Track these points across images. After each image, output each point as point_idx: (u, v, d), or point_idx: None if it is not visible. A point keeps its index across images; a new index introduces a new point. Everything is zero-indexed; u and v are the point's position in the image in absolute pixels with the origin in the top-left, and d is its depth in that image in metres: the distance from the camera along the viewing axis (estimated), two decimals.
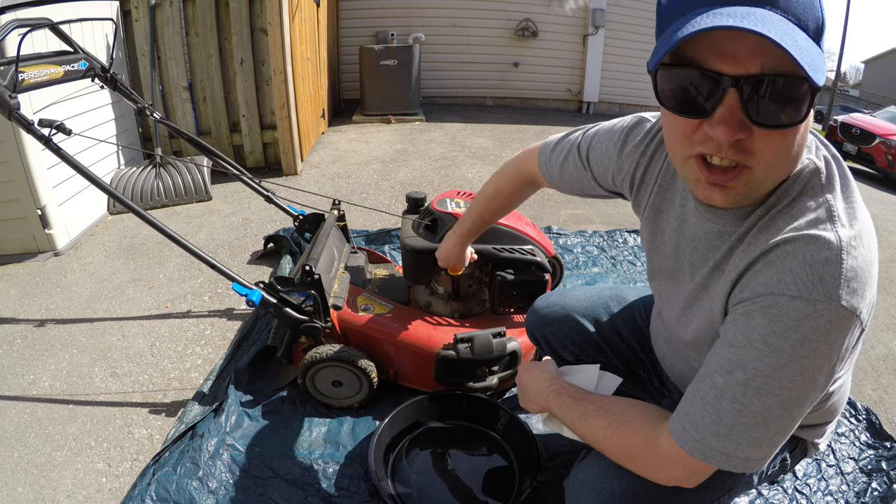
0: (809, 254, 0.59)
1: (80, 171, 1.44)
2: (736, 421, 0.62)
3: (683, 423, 0.66)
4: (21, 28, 1.48)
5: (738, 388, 0.62)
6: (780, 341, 0.59)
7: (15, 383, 1.64)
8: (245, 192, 3.19)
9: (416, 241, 1.54)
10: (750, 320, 0.62)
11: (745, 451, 0.63)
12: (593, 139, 0.95)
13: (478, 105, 6.66)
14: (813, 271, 0.58)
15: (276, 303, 1.43)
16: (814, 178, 0.65)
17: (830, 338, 0.58)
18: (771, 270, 0.61)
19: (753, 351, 0.61)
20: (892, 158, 6.46)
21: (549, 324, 1.19)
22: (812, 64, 0.51)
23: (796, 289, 0.58)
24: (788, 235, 0.61)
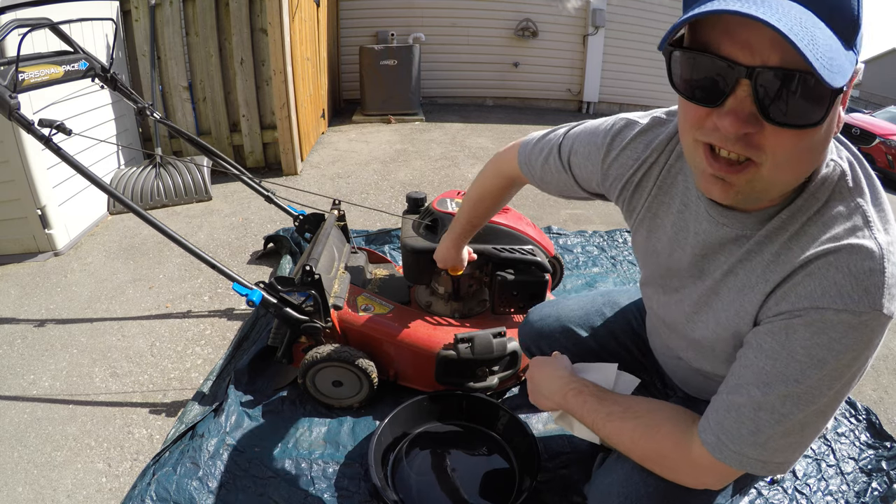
0: (853, 264, 0.58)
1: (80, 171, 1.44)
2: (774, 431, 0.62)
3: (719, 435, 0.66)
4: (21, 28, 1.48)
5: (778, 399, 0.61)
6: (823, 353, 0.58)
7: (15, 383, 1.63)
8: (245, 192, 3.19)
9: (416, 241, 1.54)
10: (791, 332, 0.60)
11: (781, 455, 0.64)
12: (575, 141, 0.91)
13: (478, 105, 6.66)
14: (858, 283, 0.57)
15: (277, 303, 1.43)
16: (841, 182, 0.63)
17: (871, 344, 0.59)
18: (813, 283, 0.60)
19: (795, 364, 0.60)
20: (892, 158, 6.45)
21: (545, 336, 1.17)
22: (828, 62, 0.47)
23: (842, 302, 0.57)
24: (829, 246, 0.59)
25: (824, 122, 0.53)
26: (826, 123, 0.53)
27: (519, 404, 1.57)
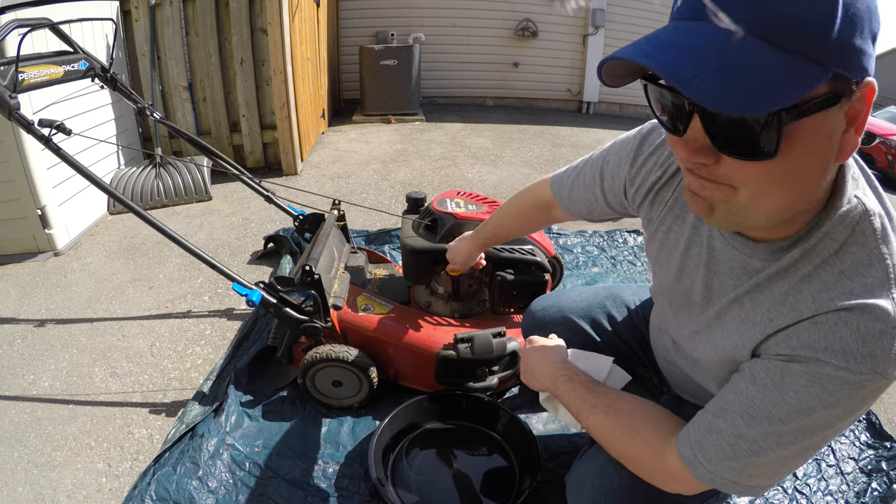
0: (864, 325, 0.55)
1: (80, 171, 1.44)
2: (751, 460, 0.62)
3: (695, 452, 0.66)
4: (21, 28, 1.48)
5: (759, 434, 0.61)
6: (814, 402, 0.57)
7: (15, 383, 1.63)
8: (245, 192, 3.19)
9: (416, 241, 1.54)
10: (787, 375, 0.59)
11: (753, 480, 0.64)
12: (608, 151, 0.92)
13: (478, 105, 6.66)
14: (865, 345, 0.55)
15: (276, 303, 1.43)
16: (863, 223, 0.57)
17: (865, 403, 0.58)
18: (819, 334, 0.58)
19: (784, 405, 0.59)
20: (892, 158, 6.45)
21: (546, 327, 1.17)
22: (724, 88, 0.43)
23: (844, 360, 0.55)
24: (843, 303, 0.56)
25: (779, 153, 0.47)
26: (797, 165, 0.49)
27: (519, 404, 1.57)
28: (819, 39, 0.44)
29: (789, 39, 0.44)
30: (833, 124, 0.49)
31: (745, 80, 0.44)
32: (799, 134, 0.47)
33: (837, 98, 0.47)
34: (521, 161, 4.27)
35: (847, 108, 0.48)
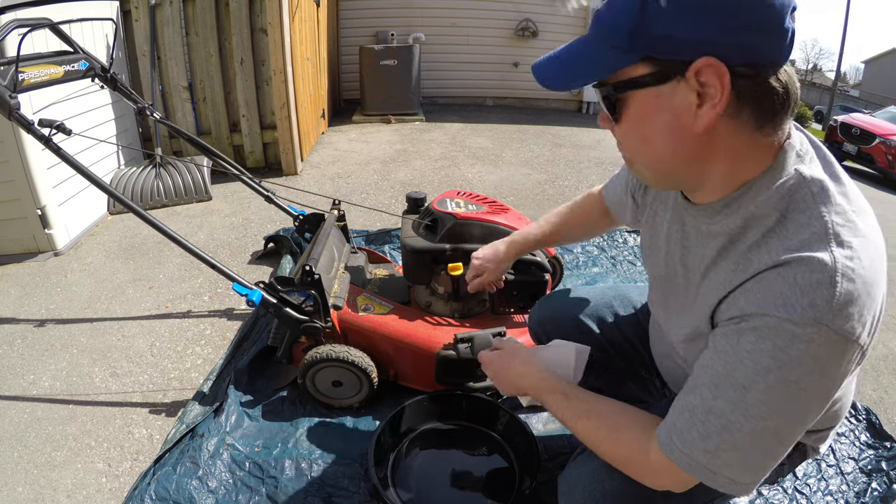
0: (801, 276, 0.56)
1: (80, 171, 1.44)
2: (722, 439, 0.61)
3: (671, 434, 0.66)
4: (21, 28, 1.48)
5: (727, 405, 0.61)
6: (768, 361, 0.57)
7: (15, 383, 1.64)
8: (245, 192, 3.19)
9: (416, 241, 1.54)
10: (741, 337, 0.60)
11: (731, 471, 0.62)
12: None
13: (478, 105, 6.66)
14: (804, 295, 0.55)
15: (277, 303, 1.43)
16: (802, 191, 0.60)
17: (822, 365, 0.55)
18: (762, 291, 0.59)
19: (742, 368, 0.59)
20: (892, 158, 6.46)
21: (552, 321, 1.19)
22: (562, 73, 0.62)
23: (786, 312, 0.55)
24: (782, 258, 0.58)
25: (624, 122, 0.62)
26: (641, 131, 0.62)
27: (519, 404, 1.57)
28: (619, 34, 0.56)
29: (604, 36, 0.58)
30: (679, 102, 0.57)
31: (573, 67, 0.61)
32: (632, 104, 0.60)
33: (665, 77, 0.56)
34: (521, 161, 4.27)
35: (695, 86, 0.55)
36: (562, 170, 4.09)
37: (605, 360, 1.15)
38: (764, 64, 0.55)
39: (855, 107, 16.13)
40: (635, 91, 0.59)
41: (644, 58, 0.57)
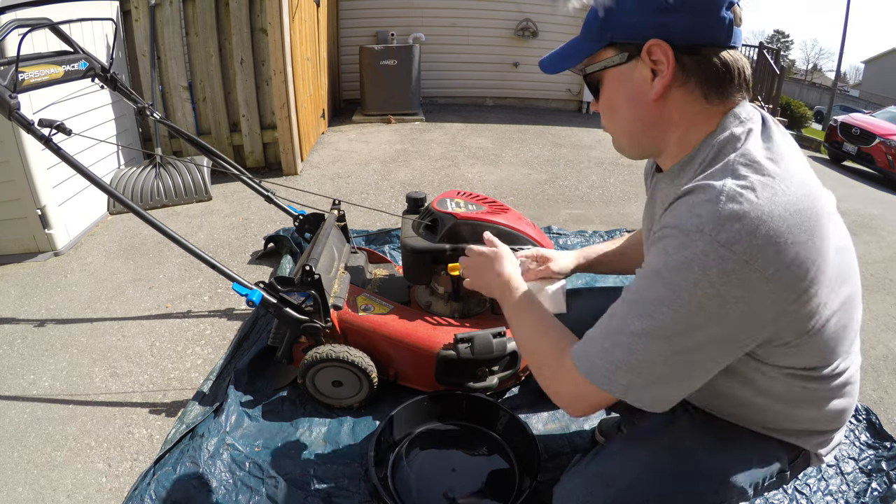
0: (695, 199, 0.62)
1: (81, 171, 1.44)
2: (618, 340, 0.65)
3: (583, 342, 0.71)
4: (21, 28, 1.48)
5: (624, 306, 0.66)
6: (656, 263, 0.63)
7: (15, 383, 1.64)
8: (245, 192, 3.19)
9: (416, 241, 1.54)
10: (646, 255, 0.69)
11: (623, 376, 0.65)
12: None
13: (478, 105, 6.66)
14: (693, 210, 0.61)
15: (277, 303, 1.43)
16: (728, 144, 0.67)
17: (708, 274, 0.58)
18: (668, 216, 0.66)
19: (640, 276, 0.66)
20: (892, 158, 6.45)
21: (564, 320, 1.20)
22: (557, 60, 0.77)
23: (678, 223, 0.62)
24: (686, 188, 0.65)
25: (602, 100, 0.76)
26: (612, 103, 0.75)
27: (519, 404, 1.57)
28: (592, 28, 0.72)
29: (585, 31, 0.74)
30: (638, 76, 0.70)
31: (562, 56, 0.77)
32: (605, 82, 0.74)
33: (626, 57, 0.70)
34: (521, 161, 4.27)
35: (649, 63, 0.68)
36: (562, 170, 4.09)
37: None
38: (704, 44, 0.66)
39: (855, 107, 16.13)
40: (606, 71, 0.73)
41: (610, 44, 0.71)
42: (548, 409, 1.55)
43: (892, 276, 2.80)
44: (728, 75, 0.67)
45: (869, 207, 4.33)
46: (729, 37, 0.66)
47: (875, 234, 3.53)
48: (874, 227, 3.70)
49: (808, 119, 11.64)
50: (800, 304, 0.62)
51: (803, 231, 0.59)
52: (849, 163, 7.36)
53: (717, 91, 0.68)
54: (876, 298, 2.51)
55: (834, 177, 6.04)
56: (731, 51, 0.67)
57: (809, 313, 0.64)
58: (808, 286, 0.61)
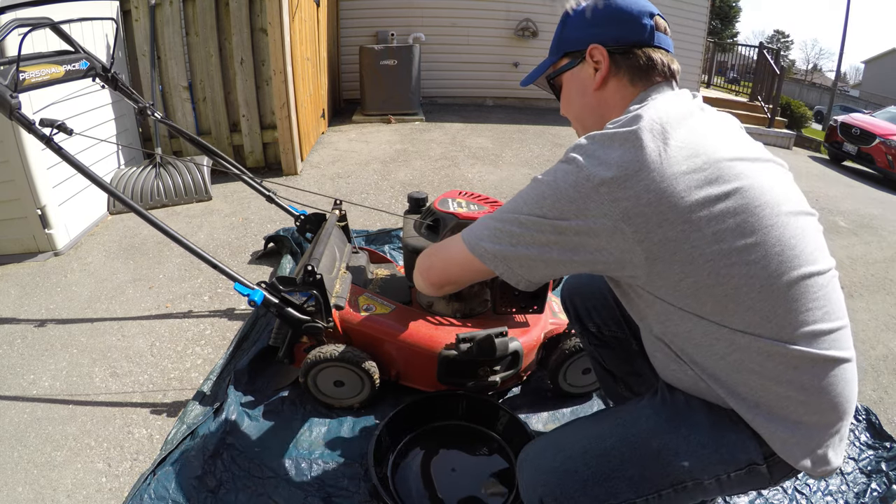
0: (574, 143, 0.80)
1: (81, 170, 1.44)
2: (492, 219, 0.81)
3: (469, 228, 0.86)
4: (21, 28, 1.48)
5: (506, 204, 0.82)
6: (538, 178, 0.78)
7: (15, 383, 1.63)
8: (245, 192, 3.19)
9: (418, 240, 1.54)
10: None
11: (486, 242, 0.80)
12: None
13: (478, 105, 6.66)
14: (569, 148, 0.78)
15: (278, 303, 1.43)
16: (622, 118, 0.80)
17: (558, 183, 0.73)
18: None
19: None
20: (892, 158, 6.46)
21: (580, 293, 1.22)
22: (532, 75, 1.00)
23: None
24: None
25: (562, 98, 0.96)
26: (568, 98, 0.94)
27: (519, 404, 1.57)
28: (554, 46, 0.94)
29: (550, 50, 0.95)
30: (584, 74, 0.89)
31: (535, 70, 0.99)
32: (564, 82, 0.94)
33: (576, 63, 0.89)
34: (521, 161, 4.28)
35: (592, 64, 0.87)
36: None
37: (622, 339, 1.16)
38: (631, 44, 0.84)
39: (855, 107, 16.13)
40: (563, 74, 0.93)
41: (564, 55, 0.92)
42: (548, 409, 1.56)
43: (892, 276, 2.80)
44: (651, 67, 0.84)
45: (869, 207, 4.34)
46: (652, 38, 0.84)
47: (875, 234, 3.54)
48: (874, 227, 3.70)
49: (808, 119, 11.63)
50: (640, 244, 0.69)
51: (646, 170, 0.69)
52: (849, 163, 7.36)
53: (642, 78, 0.84)
54: (876, 298, 2.51)
55: (834, 177, 6.04)
56: (656, 49, 0.84)
57: (656, 249, 0.70)
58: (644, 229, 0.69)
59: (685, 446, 0.77)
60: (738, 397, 0.76)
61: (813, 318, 0.73)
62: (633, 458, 0.77)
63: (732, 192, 0.69)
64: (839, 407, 0.76)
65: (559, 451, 0.80)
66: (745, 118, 7.68)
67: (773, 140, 7.35)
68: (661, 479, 0.76)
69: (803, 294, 0.72)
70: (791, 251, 0.72)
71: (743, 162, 0.73)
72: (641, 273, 0.73)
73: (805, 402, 0.75)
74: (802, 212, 0.77)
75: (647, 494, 0.77)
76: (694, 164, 0.69)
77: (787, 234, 0.72)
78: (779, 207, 0.72)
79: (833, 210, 4.05)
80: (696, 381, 0.80)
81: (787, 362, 0.73)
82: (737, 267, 0.70)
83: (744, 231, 0.69)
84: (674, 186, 0.67)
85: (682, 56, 7.14)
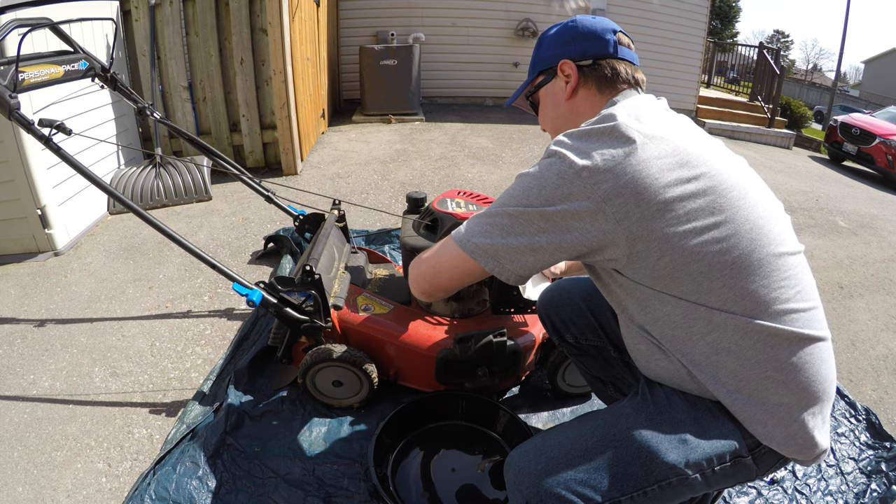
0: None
1: (81, 171, 1.44)
2: (480, 217, 0.84)
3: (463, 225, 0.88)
4: (21, 28, 1.48)
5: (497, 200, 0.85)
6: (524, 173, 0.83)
7: (15, 383, 1.64)
8: (245, 192, 3.19)
9: (416, 240, 1.54)
10: None
11: (478, 237, 0.82)
12: None
13: (478, 105, 6.66)
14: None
15: (277, 303, 1.43)
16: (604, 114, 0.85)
17: (544, 177, 0.77)
18: None
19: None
20: (892, 158, 6.46)
21: (555, 306, 1.24)
22: (514, 96, 1.10)
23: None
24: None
25: (539, 112, 1.04)
26: (545, 111, 1.02)
27: (519, 404, 1.57)
28: (531, 67, 1.03)
29: (529, 72, 1.05)
30: (557, 87, 0.97)
31: (516, 91, 1.09)
32: (541, 97, 1.02)
33: (550, 79, 0.98)
34: (521, 161, 4.27)
35: (563, 77, 0.95)
36: None
37: (600, 347, 1.18)
38: (597, 57, 0.93)
39: (855, 107, 16.12)
40: (539, 91, 1.02)
41: (539, 72, 1.01)
42: (548, 409, 1.56)
43: (892, 276, 2.80)
44: (616, 76, 0.92)
45: (869, 207, 4.34)
46: (616, 52, 0.93)
47: (875, 234, 3.54)
48: (874, 227, 3.70)
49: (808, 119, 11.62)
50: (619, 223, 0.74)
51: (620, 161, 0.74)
52: (849, 163, 7.36)
53: (608, 86, 0.92)
54: (876, 298, 2.51)
55: (834, 177, 6.04)
56: (620, 61, 0.92)
57: (635, 228, 0.74)
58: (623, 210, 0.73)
59: (666, 443, 0.77)
60: (718, 382, 0.79)
61: (786, 295, 0.77)
62: (615, 458, 0.77)
63: (700, 175, 0.75)
64: (818, 385, 0.78)
65: (542, 453, 0.81)
66: (745, 118, 7.67)
67: (773, 140, 7.35)
68: (644, 476, 0.76)
69: (775, 271, 0.76)
70: (760, 230, 0.76)
71: (708, 152, 0.79)
72: (622, 254, 0.77)
73: (784, 381, 0.77)
74: (768, 198, 0.83)
75: (632, 492, 0.76)
76: (665, 150, 0.75)
77: (755, 215, 0.77)
78: (745, 191, 0.78)
79: (833, 210, 4.05)
80: (679, 370, 0.82)
81: (763, 340, 0.76)
82: (709, 245, 0.74)
83: (713, 210, 0.74)
84: (648, 169, 0.73)
85: (682, 56, 7.15)
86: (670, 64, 6.93)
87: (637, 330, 0.87)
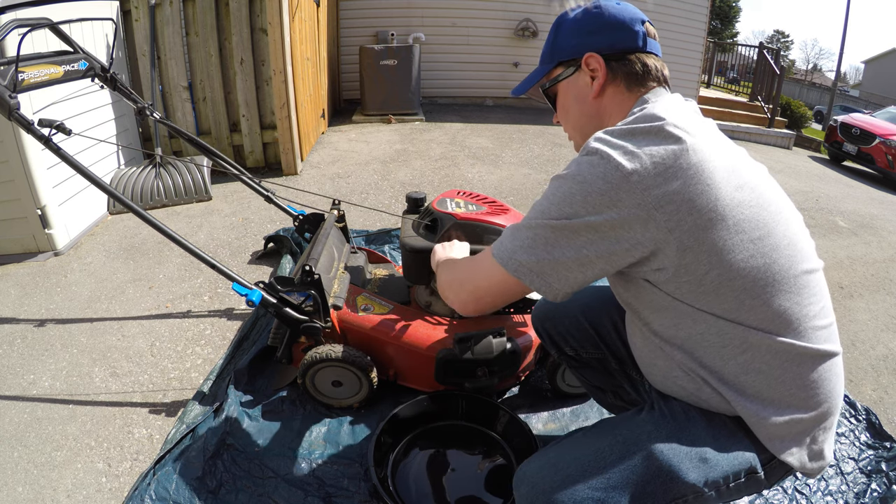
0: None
1: (80, 171, 1.44)
2: (518, 230, 0.79)
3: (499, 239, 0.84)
4: (21, 28, 1.48)
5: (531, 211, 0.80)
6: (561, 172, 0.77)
7: (15, 383, 1.64)
8: (245, 192, 3.19)
9: (416, 240, 1.54)
10: None
11: (522, 253, 0.77)
12: None
13: (478, 105, 6.66)
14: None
15: (276, 303, 1.43)
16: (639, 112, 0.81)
17: (584, 176, 0.72)
18: None
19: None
20: (892, 158, 6.45)
21: (552, 318, 1.21)
22: (524, 84, 0.99)
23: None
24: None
25: (558, 107, 0.96)
26: (565, 107, 0.94)
27: (519, 404, 1.57)
28: (545, 55, 0.94)
29: (541, 60, 0.96)
30: (581, 83, 0.89)
31: (527, 80, 0.98)
32: (560, 91, 0.93)
33: (572, 72, 0.89)
34: (521, 161, 4.27)
35: (588, 72, 0.87)
36: (562, 170, 4.08)
37: (600, 358, 1.16)
38: (625, 50, 0.85)
39: (855, 107, 16.12)
40: (558, 84, 0.92)
41: (558, 64, 0.91)
42: (548, 409, 1.56)
43: (892, 276, 2.80)
44: (647, 72, 0.85)
45: (869, 207, 4.34)
46: (644, 44, 0.86)
47: (875, 234, 3.54)
48: (874, 227, 3.70)
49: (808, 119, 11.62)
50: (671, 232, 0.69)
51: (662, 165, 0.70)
52: (849, 163, 7.36)
53: (638, 84, 0.85)
54: (876, 298, 2.51)
55: (834, 177, 6.04)
56: (649, 55, 0.86)
57: (686, 238, 0.69)
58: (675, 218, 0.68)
59: (687, 462, 0.76)
60: (744, 399, 0.77)
61: (813, 312, 0.76)
62: (634, 477, 0.75)
63: (745, 184, 0.72)
64: (832, 401, 0.79)
65: (558, 469, 0.78)
66: (745, 118, 7.67)
67: (773, 140, 7.35)
68: (662, 495, 0.75)
69: (805, 288, 0.75)
70: (794, 247, 0.75)
71: (741, 161, 0.76)
72: (670, 265, 0.72)
73: (805, 398, 0.77)
74: (795, 211, 0.81)
75: None
76: (713, 153, 0.71)
77: (791, 231, 0.75)
78: (780, 205, 0.76)
79: (833, 210, 4.05)
80: (701, 386, 0.80)
81: (791, 358, 0.75)
82: (754, 259, 0.71)
83: (758, 223, 0.71)
84: (700, 174, 0.68)
85: (682, 56, 7.14)
86: (670, 64, 6.79)
87: (658, 346, 0.83)
